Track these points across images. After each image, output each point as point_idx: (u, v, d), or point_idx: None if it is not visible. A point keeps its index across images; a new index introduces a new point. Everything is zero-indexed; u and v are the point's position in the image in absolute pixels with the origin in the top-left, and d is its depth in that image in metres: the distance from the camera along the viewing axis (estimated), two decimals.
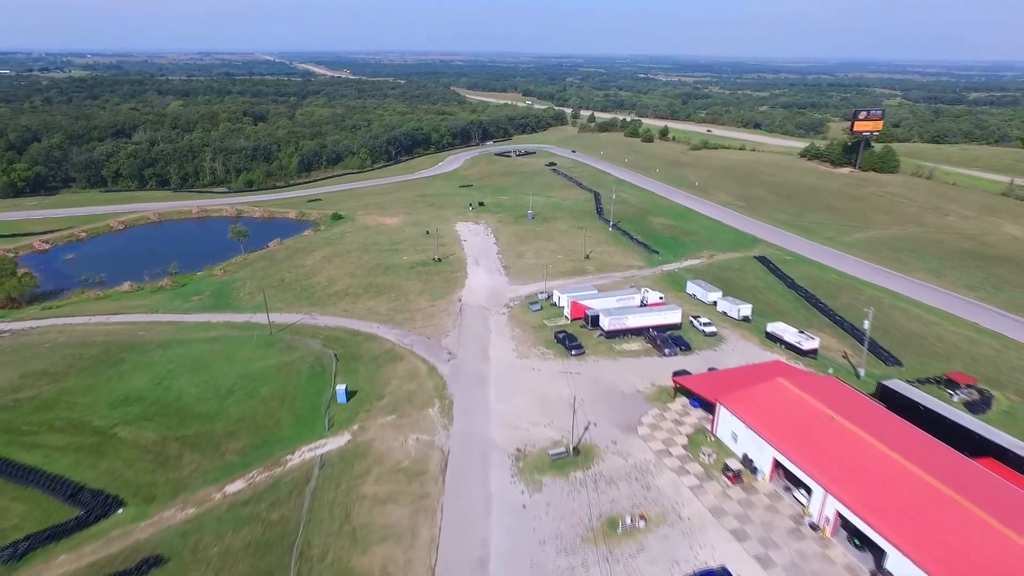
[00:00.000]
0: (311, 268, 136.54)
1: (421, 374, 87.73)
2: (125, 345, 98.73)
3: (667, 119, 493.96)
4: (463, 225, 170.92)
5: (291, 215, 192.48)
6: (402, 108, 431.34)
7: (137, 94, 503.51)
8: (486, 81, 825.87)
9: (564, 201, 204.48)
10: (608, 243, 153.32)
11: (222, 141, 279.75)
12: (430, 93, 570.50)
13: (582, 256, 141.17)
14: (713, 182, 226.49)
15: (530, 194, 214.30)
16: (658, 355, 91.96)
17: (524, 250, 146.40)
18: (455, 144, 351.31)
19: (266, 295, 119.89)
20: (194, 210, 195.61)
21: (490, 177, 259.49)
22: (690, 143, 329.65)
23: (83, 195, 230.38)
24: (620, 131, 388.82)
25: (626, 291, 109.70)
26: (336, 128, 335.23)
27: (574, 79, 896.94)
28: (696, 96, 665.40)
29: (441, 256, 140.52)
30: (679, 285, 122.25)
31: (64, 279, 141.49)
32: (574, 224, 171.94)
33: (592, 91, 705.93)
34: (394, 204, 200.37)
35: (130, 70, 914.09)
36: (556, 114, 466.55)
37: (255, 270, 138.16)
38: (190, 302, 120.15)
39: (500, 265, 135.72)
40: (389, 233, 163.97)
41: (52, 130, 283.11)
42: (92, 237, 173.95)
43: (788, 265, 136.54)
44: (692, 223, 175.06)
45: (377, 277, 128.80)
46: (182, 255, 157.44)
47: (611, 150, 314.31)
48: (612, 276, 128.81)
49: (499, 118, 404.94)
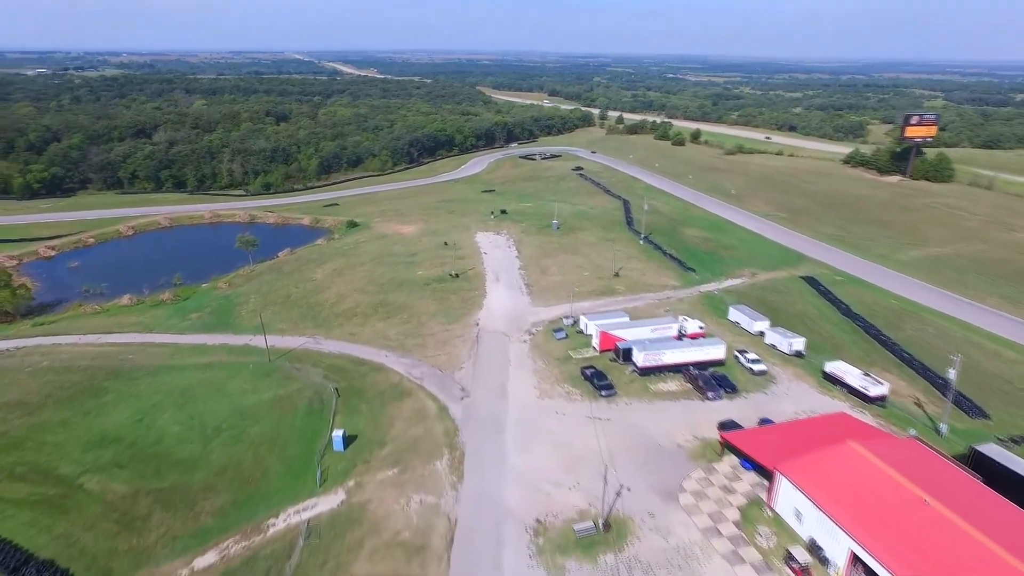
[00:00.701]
0: (320, 282, 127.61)
1: (430, 415, 77.71)
2: (111, 372, 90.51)
3: (698, 121, 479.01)
4: (484, 235, 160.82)
5: (305, 221, 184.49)
6: (426, 108, 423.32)
7: (164, 93, 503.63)
8: (512, 81, 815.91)
9: (591, 209, 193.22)
10: (639, 258, 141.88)
11: (241, 142, 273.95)
12: (455, 93, 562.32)
13: (611, 273, 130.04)
14: (750, 190, 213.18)
15: (555, 201, 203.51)
16: (700, 398, 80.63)
17: (548, 265, 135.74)
18: (479, 146, 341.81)
19: (269, 314, 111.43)
20: (206, 215, 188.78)
21: (514, 182, 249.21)
22: (723, 147, 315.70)
23: (98, 197, 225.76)
24: (650, 133, 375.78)
25: (662, 320, 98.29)
26: (358, 129, 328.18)
27: (601, 79, 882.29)
28: (727, 97, 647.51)
29: (459, 271, 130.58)
30: (719, 310, 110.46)
31: (64, 289, 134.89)
32: (602, 236, 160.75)
33: (620, 91, 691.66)
34: (413, 210, 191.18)
35: (161, 69, 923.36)
36: (583, 115, 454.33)
37: (261, 283, 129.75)
38: (188, 320, 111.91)
39: (522, 283, 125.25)
40: (405, 243, 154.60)
41: (73, 130, 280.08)
42: (100, 243, 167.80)
43: (839, 287, 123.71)
44: (730, 236, 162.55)
45: (389, 294, 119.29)
46: (189, 264, 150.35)
47: (640, 154, 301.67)
48: (644, 298, 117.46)
49: (524, 119, 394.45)
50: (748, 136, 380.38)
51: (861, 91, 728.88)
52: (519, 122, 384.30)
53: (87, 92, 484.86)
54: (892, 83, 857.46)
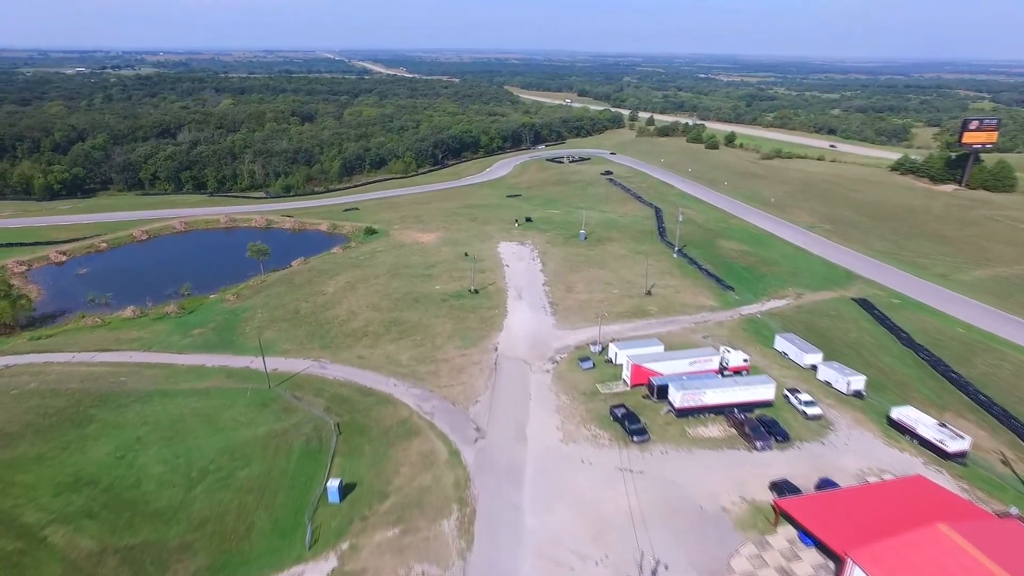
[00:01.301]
0: (331, 297, 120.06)
1: (439, 460, 69.13)
2: (100, 397, 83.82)
3: (731, 123, 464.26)
4: (507, 246, 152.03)
5: (323, 227, 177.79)
6: (453, 108, 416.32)
7: (194, 92, 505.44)
8: (540, 80, 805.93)
9: (621, 218, 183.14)
10: (673, 274, 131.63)
11: (264, 143, 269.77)
12: (483, 92, 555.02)
13: (643, 291, 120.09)
14: (791, 199, 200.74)
15: (583, 208, 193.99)
16: (746, 447, 70.63)
17: (575, 281, 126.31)
18: (505, 148, 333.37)
19: (274, 332, 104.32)
20: (222, 219, 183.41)
21: (540, 186, 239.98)
22: (760, 151, 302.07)
23: (118, 198, 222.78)
24: (681, 136, 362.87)
25: (701, 351, 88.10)
26: (383, 129, 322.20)
27: (631, 79, 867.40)
28: (761, 98, 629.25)
29: (479, 287, 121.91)
30: (764, 338, 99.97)
31: (70, 298, 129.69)
32: (633, 248, 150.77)
33: (650, 92, 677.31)
34: (434, 217, 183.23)
35: (195, 67, 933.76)
36: (613, 116, 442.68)
37: (270, 296, 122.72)
38: (189, 337, 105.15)
39: (546, 301, 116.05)
40: (424, 253, 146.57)
41: (98, 129, 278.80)
42: (113, 248, 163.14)
43: (897, 312, 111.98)
44: (771, 250, 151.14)
45: (403, 311, 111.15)
46: (199, 272, 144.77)
47: (672, 157, 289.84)
48: (679, 321, 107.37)
49: (552, 120, 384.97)
50: (785, 139, 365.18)
51: (902, 92, 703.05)
52: (547, 123, 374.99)
53: (119, 91, 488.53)
54: (934, 84, 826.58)
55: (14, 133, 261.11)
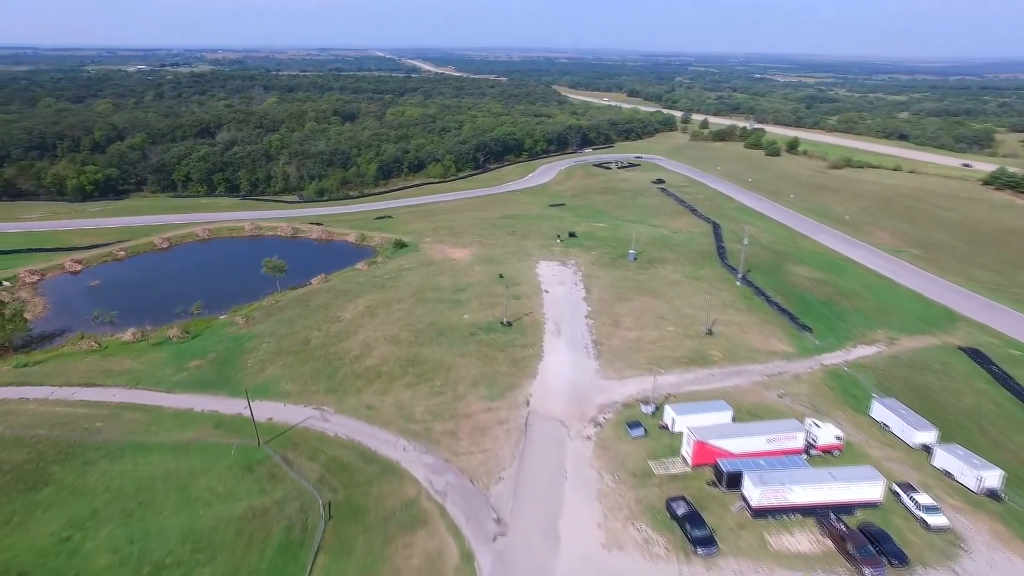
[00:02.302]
0: (347, 325, 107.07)
1: (447, 567, 54.60)
2: (66, 449, 72.40)
3: (791, 126, 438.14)
4: (547, 266, 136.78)
5: (351, 238, 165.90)
6: (497, 109, 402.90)
7: (243, 89, 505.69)
8: (589, 80, 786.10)
9: (675, 234, 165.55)
10: (737, 307, 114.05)
11: (301, 144, 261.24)
12: (529, 92, 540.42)
13: (702, 329, 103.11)
14: (868, 216, 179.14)
15: (632, 221, 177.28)
16: (849, 572, 53.70)
17: (622, 313, 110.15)
18: (550, 151, 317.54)
19: (278, 368, 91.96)
20: (247, 226, 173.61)
21: (586, 194, 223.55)
22: (826, 159, 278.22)
23: (149, 200, 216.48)
24: (739, 140, 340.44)
25: (782, 424, 70.93)
26: (424, 130, 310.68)
27: (683, 79, 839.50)
28: (821, 99, 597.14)
29: (512, 318, 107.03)
30: (856, 400, 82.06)
31: (75, 314, 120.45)
32: (689, 272, 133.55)
33: (703, 92, 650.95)
34: (469, 228, 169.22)
35: (249, 65, 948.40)
36: (665, 119, 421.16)
37: (280, 321, 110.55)
38: (184, 371, 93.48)
39: (589, 338, 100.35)
40: (455, 272, 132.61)
41: (137, 128, 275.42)
42: (132, 256, 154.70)
43: (1020, 367, 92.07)
44: (850, 279, 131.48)
45: (424, 346, 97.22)
46: (214, 286, 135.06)
47: (730, 164, 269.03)
48: (748, 371, 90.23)
49: (601, 122, 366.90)
50: (852, 145, 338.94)
51: (977, 94, 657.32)
52: (595, 125, 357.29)
53: (170, 88, 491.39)
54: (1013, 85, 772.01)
55: (55, 132, 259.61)
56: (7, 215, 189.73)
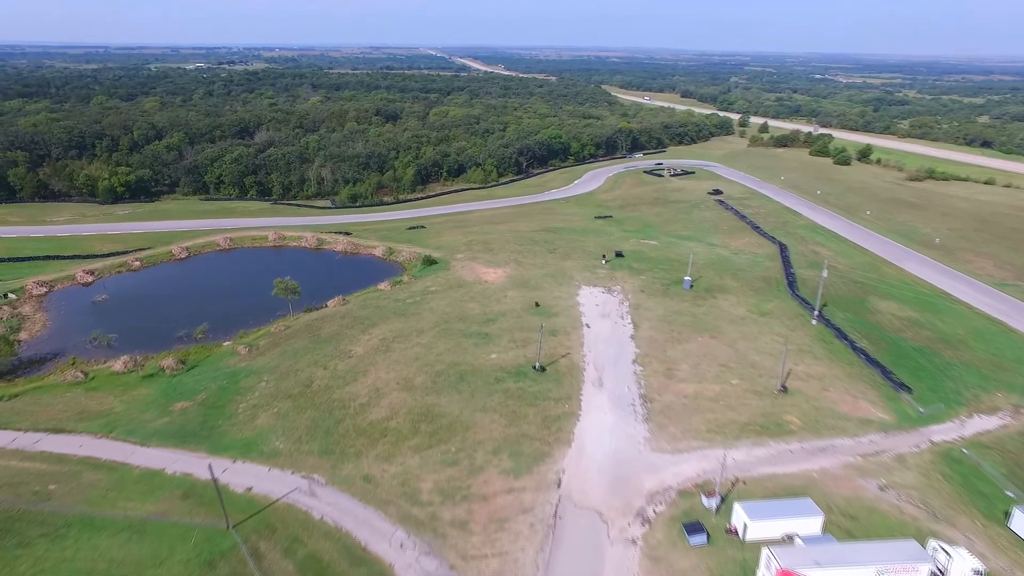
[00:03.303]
0: (357, 362, 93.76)
1: None
2: (4, 523, 60.83)
3: (858, 131, 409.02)
4: (590, 293, 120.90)
5: (377, 252, 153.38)
6: (544, 110, 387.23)
7: (292, 87, 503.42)
8: (641, 80, 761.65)
9: (736, 256, 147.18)
10: (814, 353, 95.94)
11: (338, 146, 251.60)
12: (578, 92, 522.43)
13: (775, 383, 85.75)
14: (963, 240, 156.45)
15: (687, 238, 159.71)
16: None
17: (677, 358, 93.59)
18: (598, 155, 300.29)
19: (272, 417, 79.17)
20: (271, 236, 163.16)
21: (635, 206, 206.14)
22: (903, 169, 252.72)
23: (179, 204, 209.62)
24: (803, 147, 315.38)
25: (897, 548, 53.51)
26: (466, 132, 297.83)
27: (739, 79, 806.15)
28: (889, 102, 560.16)
29: (547, 361, 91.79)
30: (982, 496, 63.78)
31: (73, 334, 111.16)
32: (754, 304, 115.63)
33: (761, 93, 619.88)
34: (506, 244, 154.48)
35: (302, 63, 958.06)
36: (721, 122, 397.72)
37: (285, 354, 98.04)
38: (168, 415, 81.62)
39: (637, 392, 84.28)
40: (485, 298, 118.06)
41: (176, 128, 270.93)
42: (147, 267, 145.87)
43: None
44: (952, 320, 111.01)
45: (442, 395, 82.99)
46: (226, 304, 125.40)
47: (795, 174, 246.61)
48: (836, 447, 72.68)
49: (652, 125, 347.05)
50: (928, 153, 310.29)
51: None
52: (646, 128, 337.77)
53: (221, 86, 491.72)
54: None
55: (95, 131, 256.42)
56: (35, 217, 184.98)
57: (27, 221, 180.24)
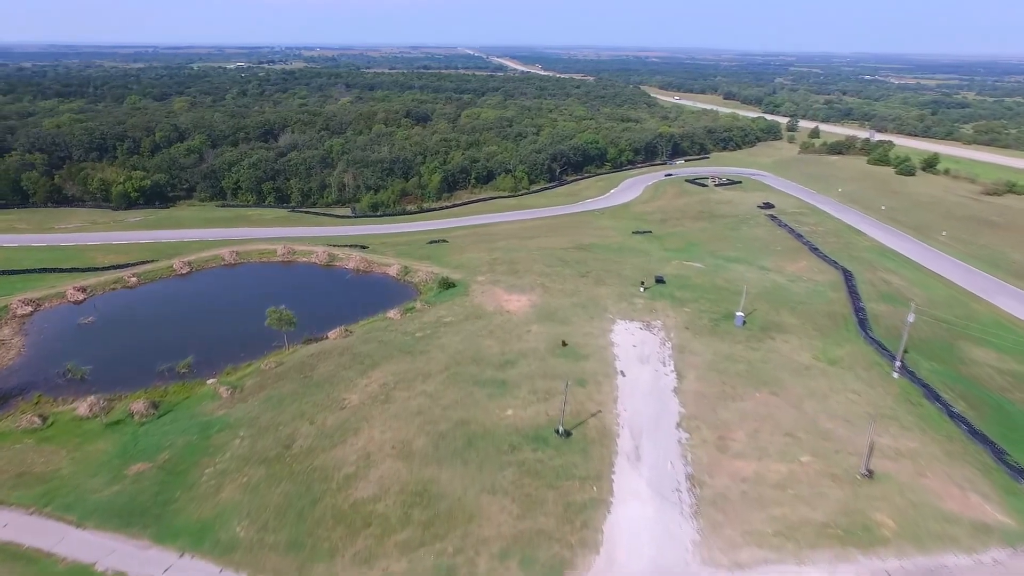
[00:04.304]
0: (350, 415, 79.96)
1: None
2: None
3: (917, 136, 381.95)
4: (626, 329, 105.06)
5: (392, 271, 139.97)
6: (581, 112, 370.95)
7: (326, 87, 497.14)
8: (682, 80, 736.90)
9: (793, 283, 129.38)
10: (902, 422, 78.43)
11: (363, 150, 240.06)
12: (617, 93, 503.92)
13: (855, 463, 68.90)
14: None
15: (736, 260, 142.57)
16: None
17: (731, 422, 77.31)
18: (636, 162, 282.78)
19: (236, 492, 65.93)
20: (280, 250, 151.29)
21: (677, 219, 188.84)
22: (976, 181, 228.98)
23: (193, 211, 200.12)
24: (859, 154, 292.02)
25: None
26: (498, 135, 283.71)
27: (784, 80, 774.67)
28: (948, 105, 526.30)
29: (573, 423, 76.52)
30: None
31: (47, 364, 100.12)
32: (820, 349, 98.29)
33: (809, 95, 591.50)
34: (533, 264, 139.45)
35: (340, 62, 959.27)
36: (767, 126, 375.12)
37: (270, 401, 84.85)
38: (120, 481, 68.99)
39: (682, 471, 68.39)
40: (506, 333, 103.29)
41: (199, 129, 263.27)
42: (144, 283, 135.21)
43: None
44: None
45: (444, 466, 68.56)
46: (219, 330, 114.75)
47: (853, 186, 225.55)
48: (943, 564, 55.79)
49: (695, 130, 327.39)
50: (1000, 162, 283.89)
51: None
52: (688, 133, 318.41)
53: (255, 86, 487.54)
54: None
55: (117, 133, 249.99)
56: (44, 224, 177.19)
57: (34, 228, 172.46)
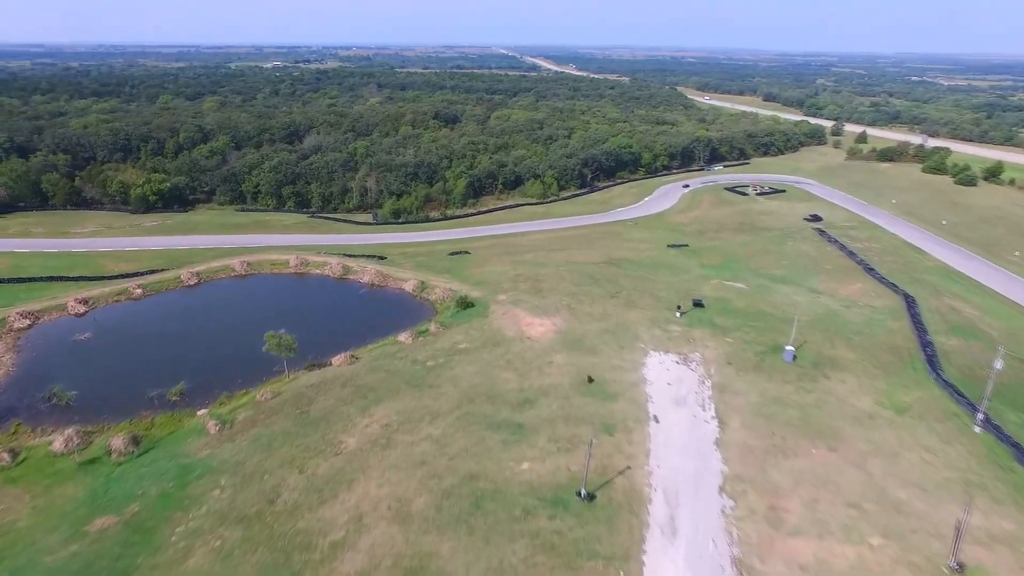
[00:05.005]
0: (345, 462, 70.79)
1: None
2: None
3: (972, 142, 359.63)
4: (660, 362, 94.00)
5: (408, 286, 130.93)
6: (615, 114, 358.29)
7: (358, 87, 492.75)
8: (719, 81, 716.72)
9: (847, 310, 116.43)
10: (993, 494, 65.93)
11: (388, 152, 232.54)
12: (652, 95, 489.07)
13: (939, 550, 57.01)
14: None
15: (782, 280, 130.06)
16: None
17: (784, 487, 65.86)
18: (672, 167, 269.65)
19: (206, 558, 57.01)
20: (292, 261, 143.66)
21: (716, 231, 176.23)
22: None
23: (211, 215, 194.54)
24: (912, 162, 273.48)
25: None
26: (527, 139, 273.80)
27: (826, 81, 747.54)
28: (1004, 107, 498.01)
29: (598, 483, 66.02)
30: None
31: (33, 386, 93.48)
32: (884, 393, 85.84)
33: (853, 97, 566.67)
34: (558, 282, 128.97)
35: (375, 62, 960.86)
36: (811, 130, 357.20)
37: (259, 442, 76.19)
38: (80, 539, 60.83)
39: (727, 554, 57.31)
40: (525, 364, 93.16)
41: (224, 130, 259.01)
42: (150, 295, 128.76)
43: None
44: None
45: (445, 536, 58.84)
46: (219, 349, 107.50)
47: (908, 196, 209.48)
48: None
49: (734, 134, 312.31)
50: None
51: None
52: (727, 137, 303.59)
53: (288, 86, 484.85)
54: None
55: (142, 133, 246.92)
56: (59, 228, 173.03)
57: (49, 232, 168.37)
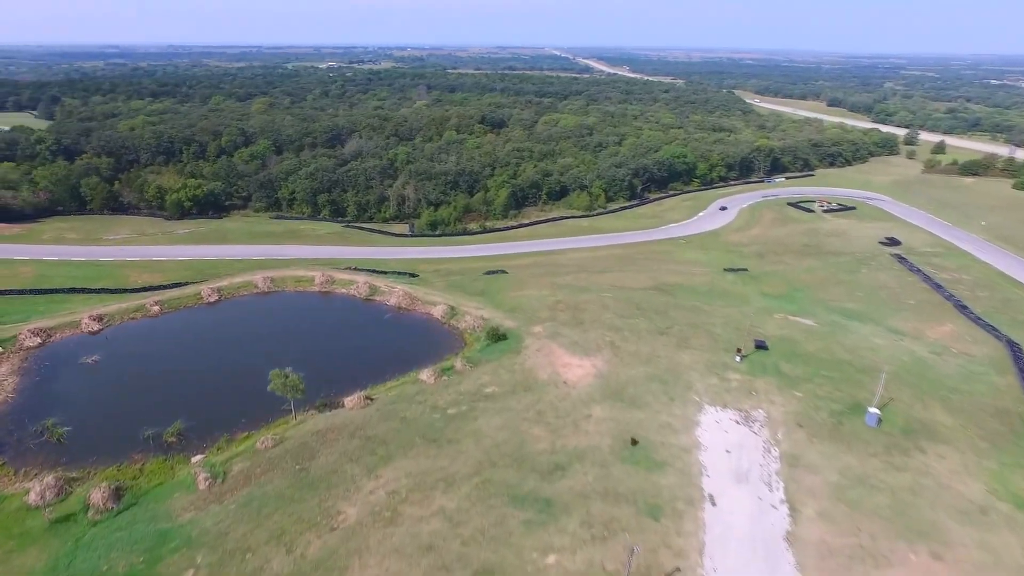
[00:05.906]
0: (340, 541, 60.41)
1: None
2: None
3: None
4: (716, 421, 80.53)
5: (436, 312, 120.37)
6: (669, 119, 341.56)
7: (408, 88, 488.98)
8: (780, 84, 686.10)
9: (938, 357, 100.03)
10: None
11: (429, 159, 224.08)
12: (708, 99, 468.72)
13: None
14: None
15: (857, 318, 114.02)
16: None
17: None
18: (729, 179, 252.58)
19: None
20: (318, 278, 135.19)
21: (778, 255, 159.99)
22: None
23: (244, 223, 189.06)
24: (1001, 175, 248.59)
25: None
26: (575, 145, 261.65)
27: (895, 85, 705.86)
28: None
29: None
30: None
31: (29, 416, 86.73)
32: (995, 473, 70.41)
33: (926, 103, 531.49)
34: (601, 312, 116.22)
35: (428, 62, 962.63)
36: (882, 139, 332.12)
37: (250, 506, 66.61)
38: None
39: None
40: (559, 418, 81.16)
41: (266, 134, 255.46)
42: (167, 312, 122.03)
43: None
44: None
45: None
46: (225, 384, 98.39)
47: (1000, 217, 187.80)
48: None
49: (798, 143, 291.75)
50: None
51: None
52: (789, 147, 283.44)
53: (339, 87, 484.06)
54: None
55: (184, 136, 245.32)
56: (93, 234, 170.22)
57: (81, 239, 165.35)
